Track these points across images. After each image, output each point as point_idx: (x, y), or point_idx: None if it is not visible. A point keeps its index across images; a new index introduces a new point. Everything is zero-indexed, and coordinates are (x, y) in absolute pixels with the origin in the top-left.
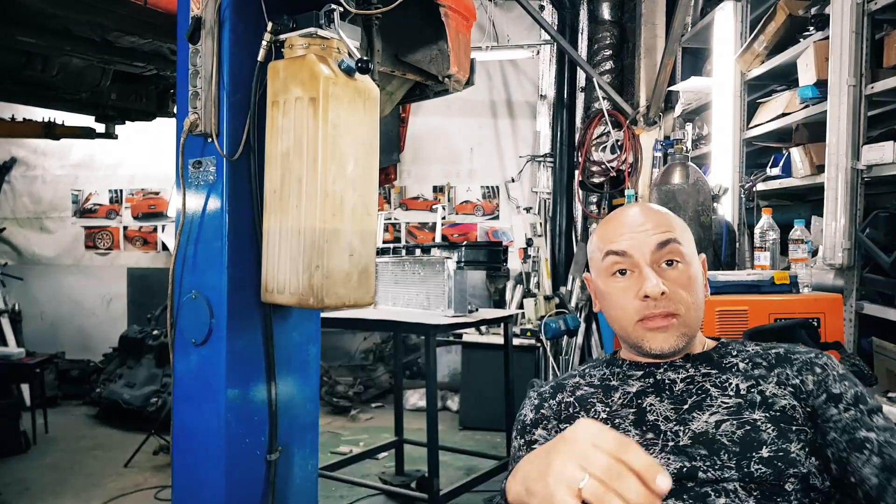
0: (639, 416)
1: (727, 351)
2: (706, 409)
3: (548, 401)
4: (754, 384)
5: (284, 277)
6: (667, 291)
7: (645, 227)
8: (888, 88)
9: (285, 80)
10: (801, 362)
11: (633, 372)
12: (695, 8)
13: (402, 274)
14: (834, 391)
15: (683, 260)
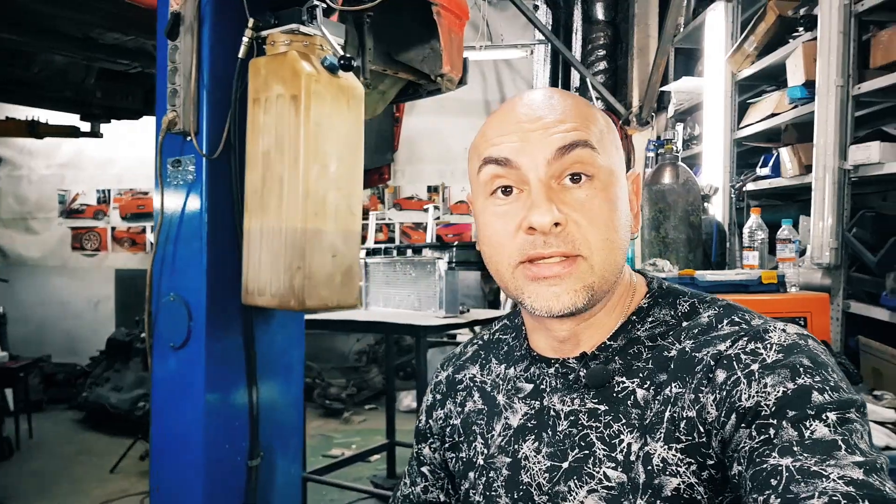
0: (513, 471)
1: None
2: (585, 479)
3: (436, 409)
4: (642, 441)
5: (265, 279)
6: (562, 222)
7: (543, 123)
8: (874, 89)
9: (266, 77)
10: (703, 370)
11: (522, 384)
12: (687, 8)
13: (393, 275)
14: (745, 403)
15: (598, 175)
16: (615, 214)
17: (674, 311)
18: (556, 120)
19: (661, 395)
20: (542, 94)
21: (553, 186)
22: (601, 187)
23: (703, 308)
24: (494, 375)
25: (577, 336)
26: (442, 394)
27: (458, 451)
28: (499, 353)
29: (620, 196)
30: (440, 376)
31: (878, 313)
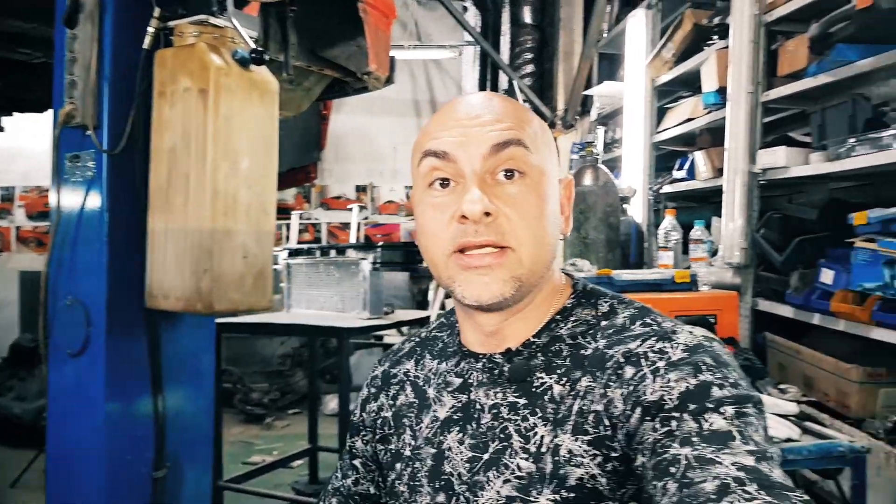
0: (436, 461)
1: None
2: (502, 469)
3: (369, 402)
4: (553, 433)
5: (170, 281)
6: (493, 213)
7: (481, 121)
8: (781, 96)
9: (173, 69)
10: (612, 367)
11: (451, 378)
12: (610, 14)
13: (315, 276)
14: (650, 397)
15: (530, 173)
16: (544, 212)
17: (595, 311)
18: (494, 119)
19: (574, 390)
20: (482, 96)
21: (487, 181)
22: (532, 185)
23: (620, 309)
24: (427, 370)
25: (503, 331)
26: (376, 387)
27: (388, 443)
28: (433, 350)
29: (551, 195)
30: (377, 371)
31: (784, 310)
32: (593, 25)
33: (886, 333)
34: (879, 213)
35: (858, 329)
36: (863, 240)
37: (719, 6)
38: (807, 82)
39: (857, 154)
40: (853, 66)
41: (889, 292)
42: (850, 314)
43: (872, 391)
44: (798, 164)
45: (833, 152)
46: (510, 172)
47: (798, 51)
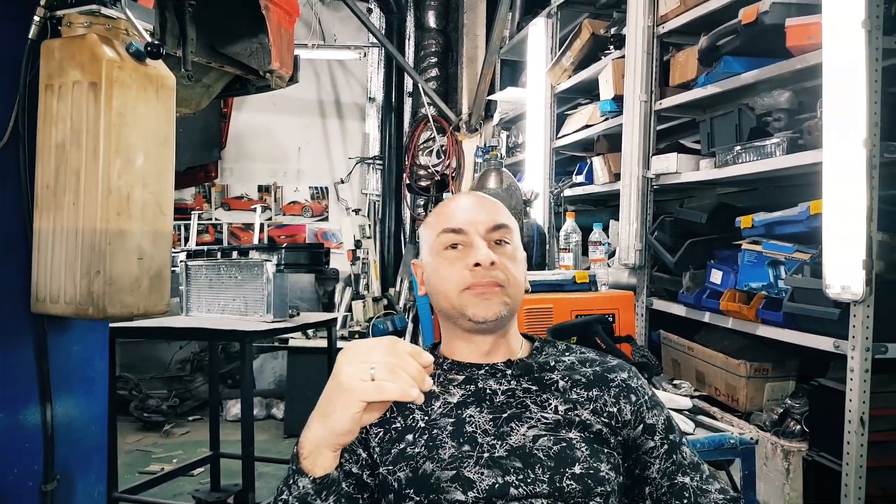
0: (457, 426)
1: (546, 361)
2: (525, 421)
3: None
4: (572, 408)
5: (59, 284)
6: (497, 263)
7: (480, 211)
8: (673, 105)
9: (62, 61)
10: (618, 388)
11: (455, 377)
12: (512, 22)
13: (216, 278)
14: (649, 421)
15: (512, 243)
16: (520, 266)
17: (556, 349)
18: (489, 211)
19: (578, 390)
20: (476, 196)
21: (490, 244)
22: (513, 250)
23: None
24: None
25: (496, 350)
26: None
27: (389, 423)
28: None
29: (521, 259)
30: None
31: (677, 309)
32: (495, 32)
33: (771, 330)
34: (764, 216)
35: (745, 326)
36: (749, 242)
37: (615, 17)
38: (696, 92)
39: (743, 161)
40: (739, 77)
41: (773, 291)
42: (738, 312)
43: (759, 385)
44: (689, 169)
45: (721, 159)
46: (500, 241)
47: (688, 62)
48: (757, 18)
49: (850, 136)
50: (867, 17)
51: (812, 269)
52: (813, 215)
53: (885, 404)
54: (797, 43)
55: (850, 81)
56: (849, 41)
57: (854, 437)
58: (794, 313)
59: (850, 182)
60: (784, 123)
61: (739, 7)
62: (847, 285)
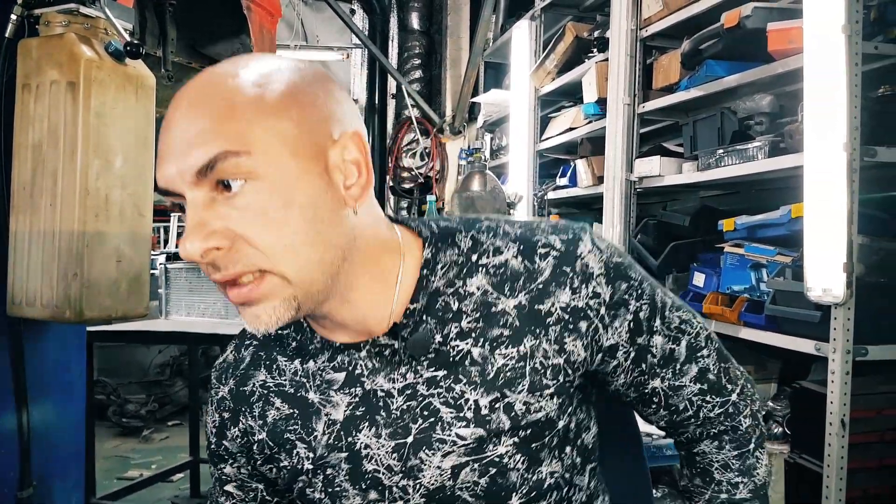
0: (355, 463)
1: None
2: (437, 446)
3: (228, 428)
4: (498, 397)
5: (35, 287)
6: (222, 244)
7: (181, 142)
8: (657, 108)
9: (39, 60)
10: (559, 322)
11: (332, 375)
12: (496, 24)
13: (197, 281)
14: (608, 343)
15: (256, 174)
16: (290, 213)
17: (458, 250)
18: (192, 130)
19: (502, 350)
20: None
21: (213, 200)
22: (266, 187)
23: (486, 238)
24: (291, 374)
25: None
26: (231, 411)
27: (276, 461)
28: (285, 350)
29: (298, 185)
30: (221, 392)
31: None
32: (479, 34)
33: (753, 333)
34: (746, 220)
35: (728, 329)
36: (731, 245)
37: (599, 20)
38: (679, 96)
39: (726, 164)
40: (721, 81)
41: (755, 294)
42: (721, 315)
43: None
44: (672, 173)
45: (703, 162)
46: (227, 183)
47: (671, 65)
48: (739, 23)
49: (830, 140)
50: (847, 23)
51: (793, 272)
52: (794, 218)
53: (866, 406)
54: (779, 47)
55: (831, 86)
56: (829, 46)
57: (835, 439)
58: (775, 316)
59: (830, 185)
60: (766, 127)
61: (722, 11)
62: (828, 288)
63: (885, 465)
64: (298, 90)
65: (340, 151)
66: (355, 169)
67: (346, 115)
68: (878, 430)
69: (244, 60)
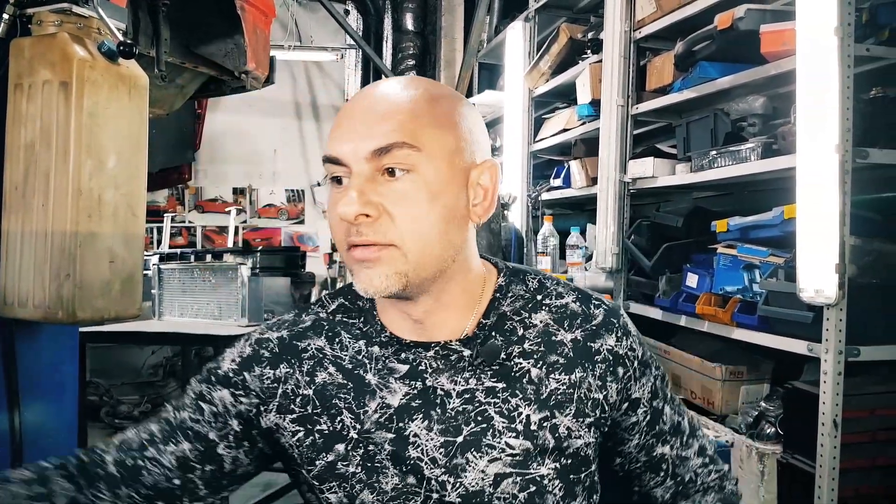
0: (398, 446)
1: (513, 328)
2: (485, 450)
3: (260, 365)
4: (548, 416)
5: (27, 288)
6: (372, 214)
7: (365, 125)
8: (650, 109)
9: (32, 60)
10: (605, 362)
11: (395, 364)
12: (490, 25)
13: (190, 281)
14: (634, 396)
15: (417, 169)
16: (434, 207)
17: (525, 287)
18: (379, 118)
19: (556, 375)
20: (374, 91)
21: (375, 178)
22: (421, 182)
23: (550, 284)
24: (353, 352)
25: (430, 318)
26: (272, 353)
27: (313, 422)
28: (350, 331)
29: (445, 189)
30: (267, 335)
31: (653, 312)
32: (473, 35)
33: (745, 334)
34: (739, 221)
35: (721, 330)
36: (724, 246)
37: (593, 21)
38: (672, 97)
39: (719, 165)
40: (714, 83)
41: (748, 295)
42: (714, 316)
43: (734, 388)
44: (665, 174)
45: (697, 163)
46: (393, 171)
47: (665, 67)
48: (732, 24)
49: (822, 142)
50: (840, 25)
51: (786, 273)
52: (787, 219)
53: (858, 407)
54: (771, 49)
55: (823, 87)
56: (821, 48)
57: (827, 439)
58: (768, 317)
59: (823, 187)
60: (759, 128)
61: (715, 13)
62: (820, 289)
63: (877, 466)
64: (462, 115)
65: (479, 174)
66: (482, 192)
67: (487, 145)
68: (870, 430)
69: (423, 80)
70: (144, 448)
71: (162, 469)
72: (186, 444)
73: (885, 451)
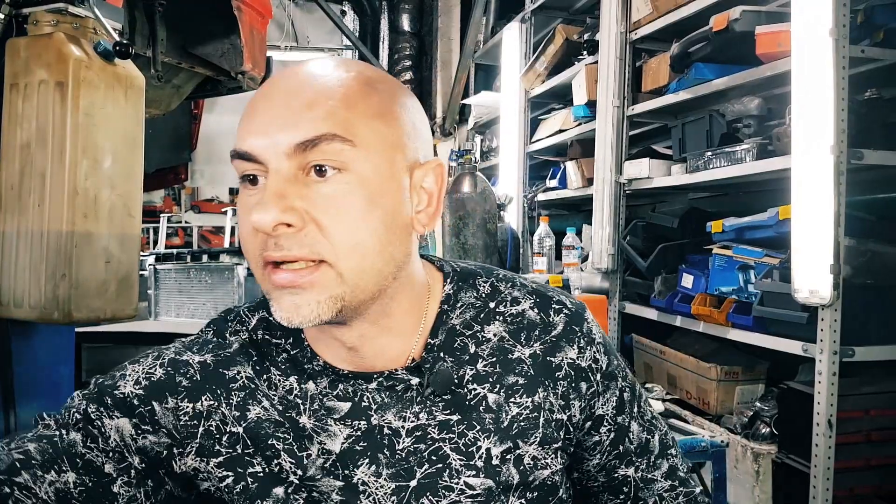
0: (349, 496)
1: (463, 346)
2: (442, 493)
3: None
4: (510, 447)
5: (23, 288)
6: (295, 223)
7: (287, 113)
8: (646, 110)
9: (27, 60)
10: (566, 378)
11: (333, 403)
12: (486, 26)
13: (186, 282)
14: (598, 412)
15: (351, 167)
16: (372, 213)
17: (476, 293)
18: (304, 105)
19: (516, 398)
20: (299, 71)
21: (298, 178)
22: (356, 182)
23: (504, 287)
24: (283, 391)
25: (365, 345)
26: (192, 381)
27: (244, 465)
28: (277, 361)
29: (385, 191)
30: (186, 356)
31: (649, 313)
32: (469, 36)
33: (741, 334)
34: (734, 221)
35: (716, 330)
36: (719, 247)
37: (589, 23)
38: (668, 98)
39: (714, 166)
40: (710, 84)
41: (743, 295)
42: (709, 316)
43: (730, 388)
44: (661, 175)
45: (692, 164)
46: (322, 169)
47: (660, 68)
48: (728, 26)
49: (817, 143)
50: (835, 26)
51: (781, 274)
52: (782, 220)
53: (853, 407)
54: (767, 50)
55: (818, 89)
56: (817, 49)
57: (822, 439)
58: (763, 317)
59: (817, 188)
60: (754, 130)
61: (711, 14)
62: (815, 289)
63: (871, 465)
64: (405, 105)
65: (423, 175)
66: (426, 197)
67: (430, 143)
68: (864, 430)
69: (357, 63)
70: (15, 471)
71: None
72: (72, 474)
73: (879, 451)
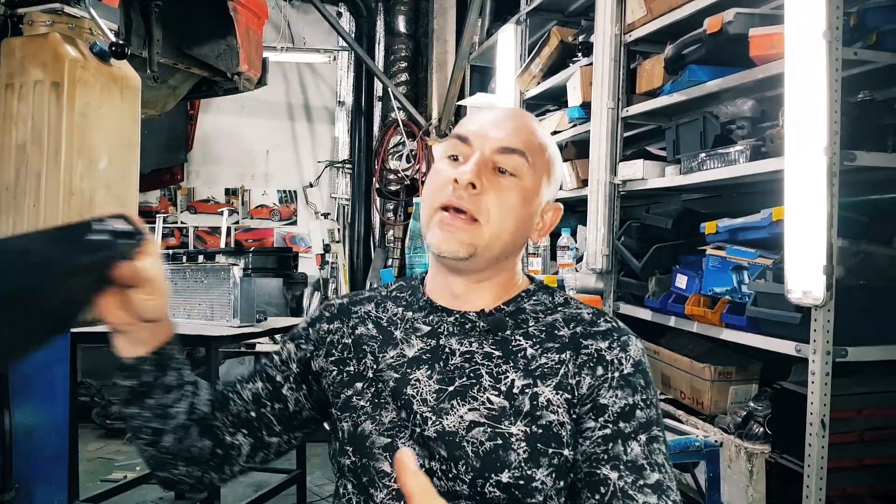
0: (400, 385)
1: (525, 317)
2: (468, 400)
3: (321, 321)
4: (530, 383)
5: None
6: (479, 188)
7: (501, 127)
8: (640, 112)
9: (23, 60)
10: (588, 356)
11: (420, 325)
12: (482, 28)
13: (182, 282)
14: (602, 401)
15: (520, 177)
16: (519, 210)
17: (551, 299)
18: (513, 128)
19: (548, 354)
20: (513, 111)
21: (487, 166)
22: (521, 187)
23: (575, 303)
24: (391, 314)
25: (467, 294)
26: (332, 313)
27: (345, 364)
28: (396, 300)
29: (531, 205)
30: (333, 301)
31: (643, 313)
32: (465, 38)
33: (734, 334)
34: (728, 222)
35: (710, 330)
36: (713, 247)
37: (584, 25)
38: (662, 100)
39: (708, 168)
40: (704, 86)
41: (736, 296)
42: (703, 316)
43: (723, 388)
44: (655, 176)
45: (686, 166)
46: (503, 170)
47: (655, 70)
48: (721, 28)
49: (811, 144)
50: (828, 29)
51: (774, 274)
52: (775, 221)
53: (846, 407)
54: (760, 52)
55: (811, 91)
56: (810, 51)
57: (815, 439)
58: (756, 317)
59: (810, 189)
60: (747, 131)
61: (705, 17)
62: (808, 290)
63: (864, 465)
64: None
65: (549, 209)
66: (542, 224)
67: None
68: (857, 430)
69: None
70: (235, 385)
71: (242, 402)
72: (260, 383)
73: (872, 450)
